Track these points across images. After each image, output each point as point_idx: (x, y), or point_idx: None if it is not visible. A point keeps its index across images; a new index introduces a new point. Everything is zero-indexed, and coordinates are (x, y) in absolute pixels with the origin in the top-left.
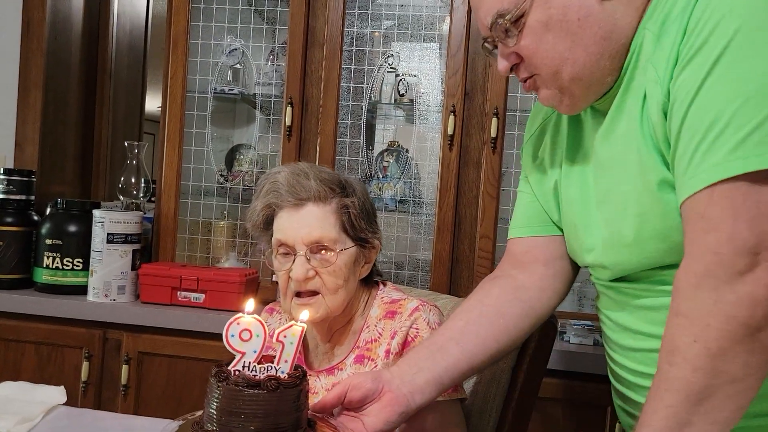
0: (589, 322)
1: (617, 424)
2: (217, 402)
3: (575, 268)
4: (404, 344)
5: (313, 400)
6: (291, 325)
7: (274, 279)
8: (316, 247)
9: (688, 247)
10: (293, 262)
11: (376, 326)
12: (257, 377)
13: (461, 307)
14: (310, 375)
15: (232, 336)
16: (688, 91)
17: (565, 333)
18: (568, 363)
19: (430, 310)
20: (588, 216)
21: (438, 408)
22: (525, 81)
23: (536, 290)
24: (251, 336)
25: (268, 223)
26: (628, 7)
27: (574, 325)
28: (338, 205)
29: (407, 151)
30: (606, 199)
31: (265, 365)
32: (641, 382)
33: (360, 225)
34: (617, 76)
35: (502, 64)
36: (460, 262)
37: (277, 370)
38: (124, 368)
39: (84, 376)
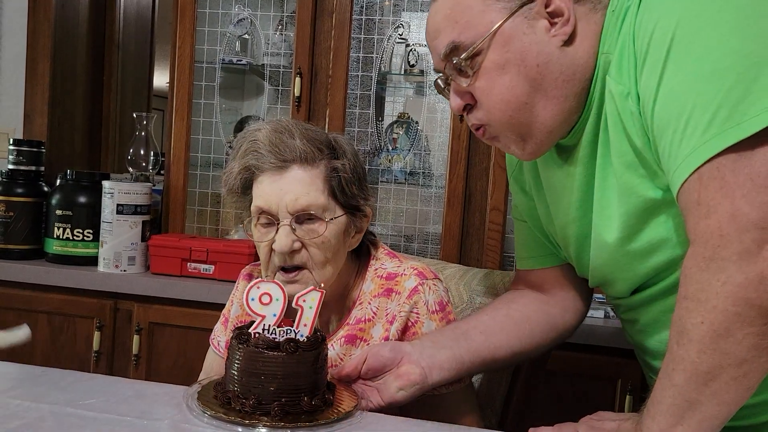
0: (600, 296)
1: (627, 397)
2: (238, 363)
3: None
4: (404, 330)
5: None
6: (310, 290)
7: None
8: (303, 216)
9: (692, 235)
10: (276, 232)
11: (370, 304)
12: (277, 340)
13: (488, 306)
14: None
15: (252, 300)
16: (650, 92)
17: None
18: (578, 336)
19: (429, 289)
20: (585, 250)
21: (448, 398)
22: (477, 129)
23: (560, 309)
24: (271, 300)
25: (246, 188)
26: (584, 42)
27: None
28: (327, 168)
29: (417, 122)
30: (596, 229)
31: (285, 328)
32: None
33: (351, 191)
34: (582, 111)
35: (455, 102)
36: (470, 235)
37: (296, 334)
38: (136, 338)
39: (96, 345)
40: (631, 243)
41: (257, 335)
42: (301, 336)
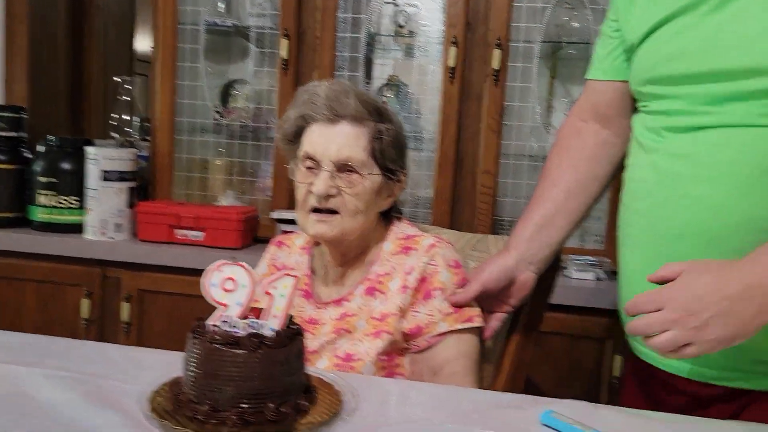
0: (590, 258)
1: (616, 356)
2: (194, 362)
3: None
4: (422, 280)
5: (321, 331)
6: (282, 275)
7: (273, 216)
8: (343, 167)
9: None
10: (317, 176)
11: (389, 260)
12: (238, 334)
13: (555, 173)
14: (318, 307)
15: (213, 285)
16: None
17: (566, 268)
18: (570, 297)
19: (446, 247)
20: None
21: (454, 337)
22: None
23: (620, 144)
24: (236, 286)
25: (297, 135)
26: None
27: (576, 260)
28: (373, 130)
29: (407, 85)
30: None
31: (249, 320)
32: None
33: (390, 154)
34: None
35: None
36: (461, 199)
37: (261, 327)
38: (125, 306)
39: (85, 313)
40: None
41: (215, 328)
42: (270, 330)
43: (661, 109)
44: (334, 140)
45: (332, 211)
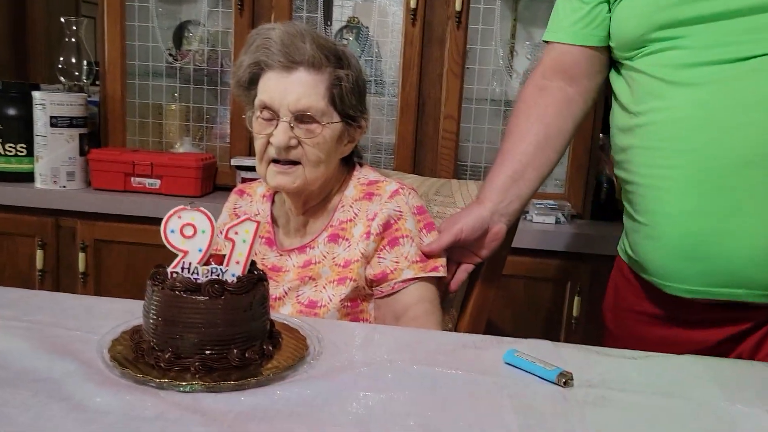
0: (551, 202)
1: (576, 298)
2: (155, 309)
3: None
4: (386, 226)
5: (284, 278)
6: (243, 220)
7: (232, 163)
8: (302, 116)
9: None
10: (276, 127)
11: (351, 207)
12: (199, 281)
13: (523, 127)
14: (281, 254)
15: (172, 232)
16: None
17: (528, 212)
18: (530, 240)
19: (409, 193)
20: None
21: (417, 284)
22: None
23: (582, 102)
24: (195, 232)
25: (252, 82)
26: None
27: (537, 204)
28: (331, 76)
29: (367, 27)
30: None
31: (211, 267)
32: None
33: (350, 101)
34: None
35: None
36: (424, 144)
37: (223, 273)
38: (81, 256)
39: (39, 264)
40: None
41: (175, 275)
42: (232, 276)
43: (693, 45)
44: (292, 89)
45: (293, 162)
